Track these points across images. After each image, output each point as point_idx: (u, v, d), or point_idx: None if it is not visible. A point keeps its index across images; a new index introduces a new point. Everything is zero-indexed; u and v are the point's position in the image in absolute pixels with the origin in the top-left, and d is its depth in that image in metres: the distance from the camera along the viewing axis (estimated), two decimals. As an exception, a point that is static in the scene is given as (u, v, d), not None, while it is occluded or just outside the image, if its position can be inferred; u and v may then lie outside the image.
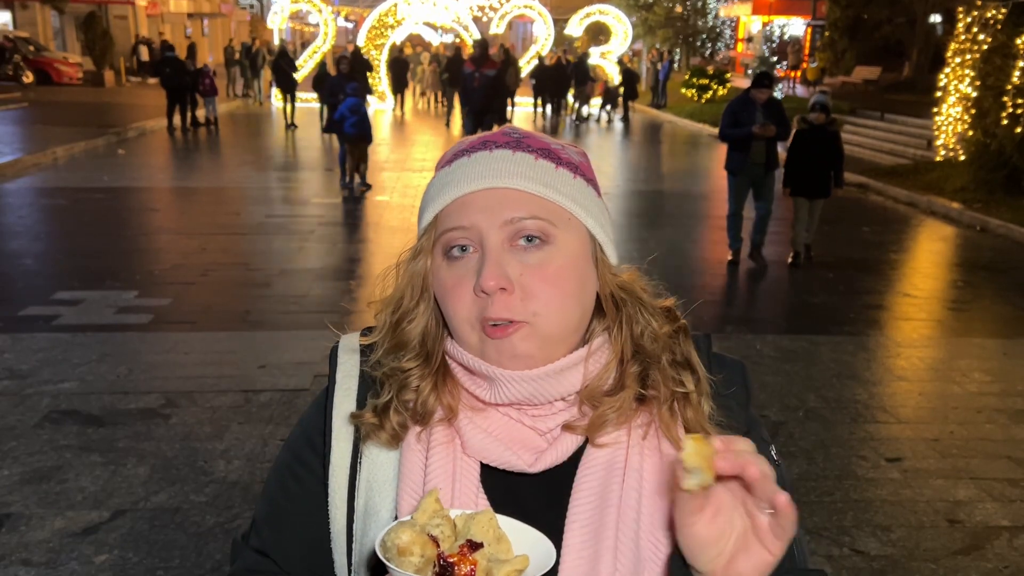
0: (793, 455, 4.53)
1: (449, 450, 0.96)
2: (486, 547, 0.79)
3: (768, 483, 0.77)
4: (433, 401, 0.98)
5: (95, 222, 9.84)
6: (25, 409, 4.76)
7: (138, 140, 17.20)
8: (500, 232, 0.93)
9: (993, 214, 10.89)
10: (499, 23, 26.39)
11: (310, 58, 23.80)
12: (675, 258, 8.69)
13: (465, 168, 0.97)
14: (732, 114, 8.11)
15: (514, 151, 0.97)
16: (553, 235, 0.94)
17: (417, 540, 0.77)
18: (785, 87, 26.05)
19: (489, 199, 0.94)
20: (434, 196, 0.99)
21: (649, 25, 36.65)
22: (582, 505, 0.93)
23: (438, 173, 1.01)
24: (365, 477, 0.99)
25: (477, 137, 1.01)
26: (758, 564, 0.79)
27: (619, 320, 0.98)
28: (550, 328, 0.92)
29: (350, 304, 6.91)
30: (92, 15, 28.75)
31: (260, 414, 4.79)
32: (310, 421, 1.06)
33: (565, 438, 0.95)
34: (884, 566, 3.61)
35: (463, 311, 0.93)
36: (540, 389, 0.94)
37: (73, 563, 3.41)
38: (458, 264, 0.94)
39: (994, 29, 13.01)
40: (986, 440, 4.83)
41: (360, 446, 1.00)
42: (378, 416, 0.97)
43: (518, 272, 0.92)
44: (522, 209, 0.93)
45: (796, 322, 6.81)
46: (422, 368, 0.99)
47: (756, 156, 8.04)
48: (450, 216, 0.95)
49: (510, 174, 0.95)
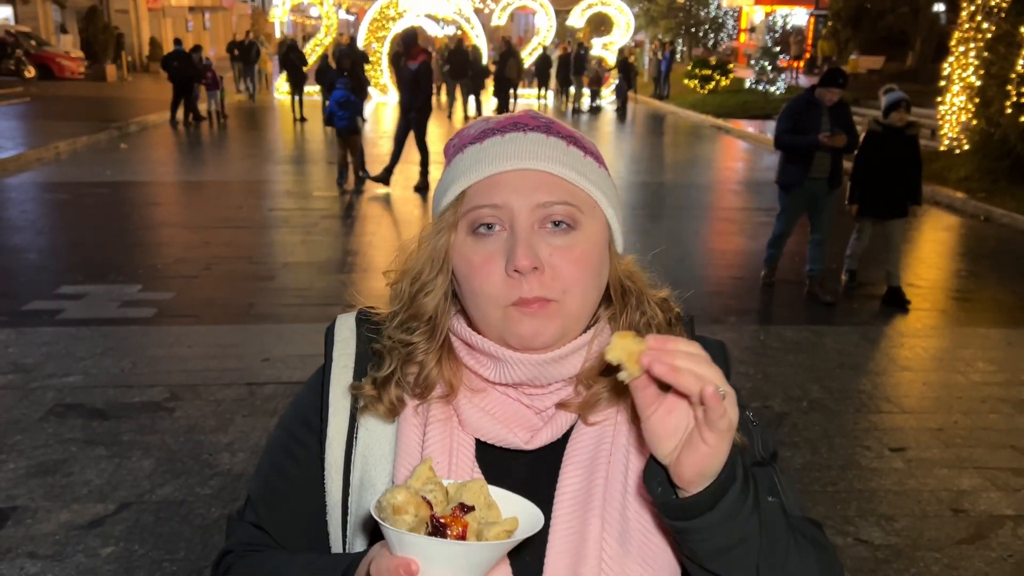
0: (797, 445, 4.54)
1: (447, 426, 0.98)
2: (477, 511, 0.82)
3: (686, 377, 0.79)
4: (435, 375, 1.00)
5: (98, 216, 9.85)
6: (30, 403, 4.77)
7: (140, 134, 17.20)
8: (531, 214, 0.94)
9: (997, 203, 10.86)
10: (501, 15, 26.34)
11: (312, 51, 23.78)
12: (678, 249, 8.68)
13: (498, 147, 0.97)
14: (792, 118, 6.77)
15: (547, 135, 0.98)
16: (580, 221, 0.96)
17: (412, 500, 0.80)
18: (788, 77, 25.94)
19: (523, 180, 0.95)
20: (464, 171, 0.98)
21: (651, 16, 36.55)
22: (571, 477, 0.96)
23: (466, 149, 1.00)
24: (361, 451, 1.00)
25: (505, 117, 1.02)
26: (698, 457, 0.82)
27: (625, 308, 1.01)
28: (575, 308, 0.95)
29: (353, 297, 6.90)
30: (93, 9, 28.71)
31: (264, 407, 4.80)
32: (304, 400, 1.09)
33: (560, 416, 0.98)
34: (888, 555, 3.62)
35: (490, 289, 0.94)
36: (544, 371, 0.96)
37: (79, 556, 3.43)
38: (485, 241, 0.95)
39: (998, 17, 12.93)
40: (990, 430, 4.82)
41: (356, 421, 1.01)
42: (377, 388, 0.99)
43: (547, 253, 0.93)
44: (554, 193, 0.95)
45: (800, 313, 6.80)
46: (428, 342, 1.00)
47: (818, 169, 6.73)
48: (480, 193, 0.96)
49: (546, 157, 0.96)
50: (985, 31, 13.15)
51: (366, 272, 7.83)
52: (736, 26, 40.75)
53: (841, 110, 6.69)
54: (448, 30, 30.98)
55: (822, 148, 6.59)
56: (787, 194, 7.04)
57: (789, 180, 6.94)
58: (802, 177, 6.78)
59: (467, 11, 25.47)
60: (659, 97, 27.27)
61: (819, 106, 6.65)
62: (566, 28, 29.27)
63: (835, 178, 6.81)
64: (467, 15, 25.47)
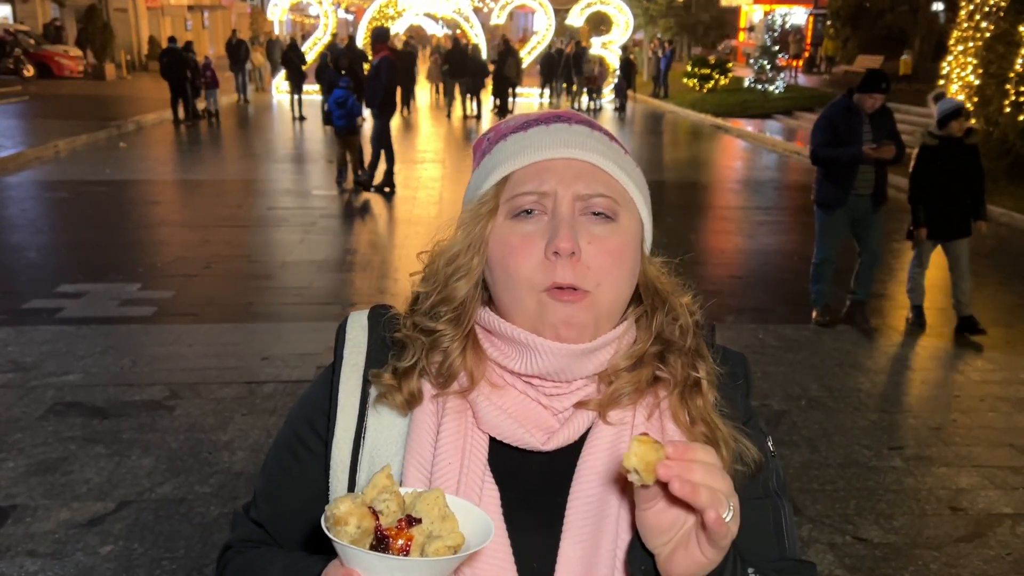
0: (796, 444, 4.54)
1: (462, 424, 0.96)
2: (426, 523, 0.80)
3: (699, 495, 0.77)
4: (459, 365, 0.98)
5: (97, 215, 9.85)
6: (30, 401, 4.77)
7: (139, 133, 17.19)
8: (574, 202, 0.95)
9: (996, 202, 10.84)
10: (500, 13, 26.31)
11: (311, 50, 23.77)
12: (679, 248, 8.66)
13: (545, 136, 0.99)
14: (830, 127, 6.04)
15: (591, 129, 1.01)
16: (618, 214, 0.97)
17: (355, 512, 0.78)
18: (787, 76, 25.94)
19: (568, 168, 0.96)
20: (509, 157, 0.99)
21: (650, 15, 36.51)
22: (584, 484, 0.94)
23: (510, 137, 1.01)
24: (368, 451, 0.99)
25: (548, 112, 1.04)
26: (692, 563, 0.81)
27: (655, 309, 1.01)
28: (607, 301, 0.95)
29: (352, 295, 6.92)
30: (92, 8, 28.67)
31: (264, 405, 4.80)
32: (312, 398, 1.07)
33: (577, 417, 0.96)
34: (887, 554, 3.62)
35: (526, 270, 0.94)
36: (571, 365, 0.95)
37: (79, 554, 3.43)
38: (525, 223, 0.95)
39: (997, 17, 12.94)
40: (988, 428, 4.83)
41: (365, 420, 1.00)
42: (398, 378, 0.98)
43: (586, 241, 0.94)
44: (597, 184, 0.96)
45: (798, 311, 6.80)
46: (454, 330, 0.99)
47: (862, 185, 6.04)
48: (525, 179, 0.97)
49: (592, 149, 0.98)
50: (984, 30, 13.16)
51: (365, 271, 7.83)
52: (735, 25, 40.74)
53: (884, 117, 6.02)
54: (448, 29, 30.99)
55: (866, 161, 5.92)
56: (827, 214, 6.26)
57: (829, 199, 6.18)
58: (844, 195, 6.06)
59: (466, 10, 25.46)
60: (658, 96, 27.26)
61: (859, 114, 5.96)
62: (565, 27, 29.23)
63: (881, 194, 6.12)
64: (466, 14, 25.45)
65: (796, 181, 14.07)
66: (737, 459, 0.96)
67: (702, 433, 0.95)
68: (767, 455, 1.02)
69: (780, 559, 1.00)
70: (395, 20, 24.68)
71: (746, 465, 0.97)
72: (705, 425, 0.96)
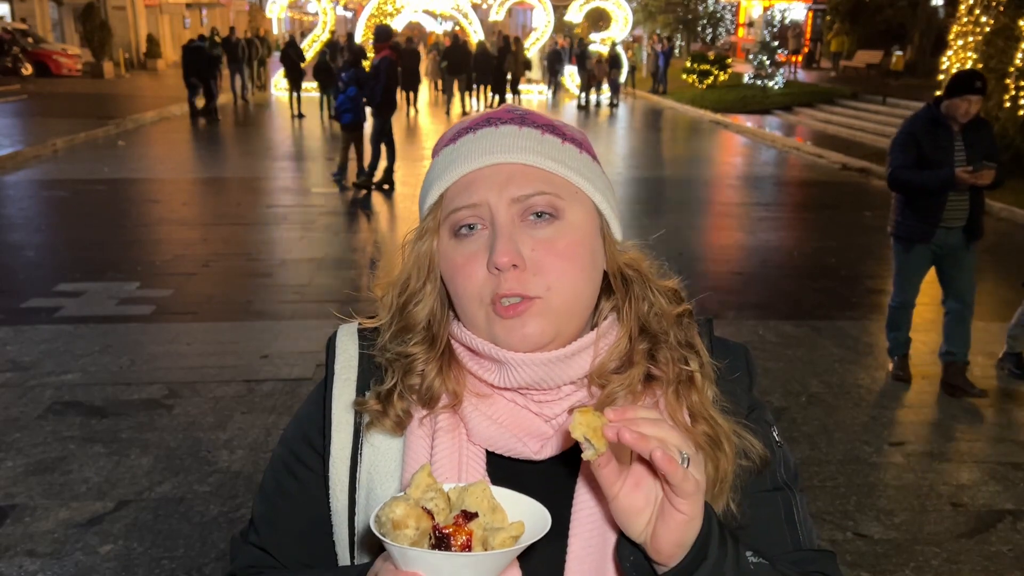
0: (796, 440, 4.53)
1: (455, 438, 0.95)
2: (481, 517, 0.79)
3: (648, 442, 0.75)
4: (439, 385, 0.96)
5: (96, 214, 9.83)
6: (28, 401, 4.76)
7: (138, 131, 17.17)
8: (510, 209, 0.91)
9: (996, 197, 10.83)
10: (499, 10, 26.29)
11: (309, 47, 23.74)
12: (678, 244, 8.67)
13: (471, 145, 0.95)
14: (913, 143, 4.91)
15: (520, 126, 0.96)
16: (562, 209, 0.93)
17: (411, 513, 0.77)
18: (786, 72, 25.91)
19: (497, 175, 0.93)
20: (440, 174, 0.96)
21: (649, 11, 36.49)
22: (588, 494, 0.91)
23: (442, 152, 0.99)
24: (367, 467, 0.97)
25: (480, 115, 1.00)
26: (673, 527, 0.78)
27: (628, 298, 0.97)
28: (562, 303, 0.91)
29: (352, 293, 6.90)
30: (90, 6, 28.62)
31: (263, 404, 4.79)
32: (306, 416, 1.05)
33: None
34: (888, 550, 3.62)
35: (473, 288, 0.92)
36: (550, 373, 0.92)
37: (78, 554, 3.42)
38: (467, 241, 0.93)
39: (996, 11, 12.92)
40: (989, 423, 4.82)
41: (361, 437, 0.98)
42: (382, 403, 0.96)
43: (529, 247, 0.91)
44: (531, 185, 0.92)
45: (798, 308, 6.79)
46: (427, 352, 0.97)
47: (952, 216, 4.90)
48: (458, 195, 0.94)
49: (518, 149, 0.94)
50: (984, 25, 13.13)
51: (364, 268, 7.82)
52: (734, 21, 40.71)
53: (979, 130, 4.92)
54: (447, 26, 30.94)
55: (959, 187, 4.80)
56: (907, 250, 5.11)
57: (911, 232, 5.02)
58: (931, 228, 4.92)
59: (465, 7, 25.42)
60: (657, 92, 27.24)
61: (949, 128, 4.86)
62: (564, 23, 29.19)
63: (975, 226, 4.96)
64: (465, 11, 25.42)
65: (796, 177, 14.07)
66: (741, 455, 0.94)
67: (703, 431, 0.92)
68: (773, 446, 1.00)
69: (796, 550, 0.98)
70: (393, 17, 24.65)
71: (750, 461, 0.95)
72: (705, 423, 0.93)
